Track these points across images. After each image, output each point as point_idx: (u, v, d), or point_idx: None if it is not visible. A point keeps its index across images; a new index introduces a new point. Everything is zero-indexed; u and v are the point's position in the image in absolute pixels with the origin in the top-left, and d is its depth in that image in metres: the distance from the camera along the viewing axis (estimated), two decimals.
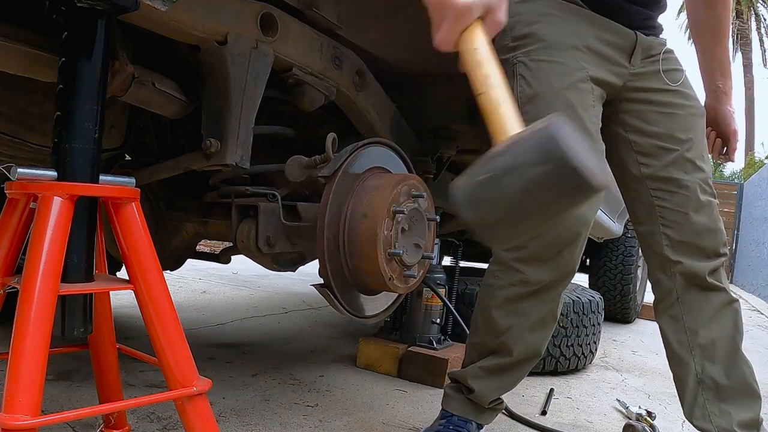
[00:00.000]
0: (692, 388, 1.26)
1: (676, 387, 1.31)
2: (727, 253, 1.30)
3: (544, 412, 1.76)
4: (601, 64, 1.25)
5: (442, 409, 1.39)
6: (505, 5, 0.84)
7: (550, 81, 1.21)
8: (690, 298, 1.26)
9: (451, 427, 1.33)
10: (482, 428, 1.39)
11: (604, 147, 1.27)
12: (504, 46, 1.27)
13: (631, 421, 1.68)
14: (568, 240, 1.21)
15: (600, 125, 1.26)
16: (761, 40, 23.39)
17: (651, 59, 1.30)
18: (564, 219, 1.17)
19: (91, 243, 0.88)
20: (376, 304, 1.40)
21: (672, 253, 1.26)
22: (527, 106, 1.21)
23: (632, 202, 1.34)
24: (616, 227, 3.40)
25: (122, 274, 0.96)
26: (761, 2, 23.03)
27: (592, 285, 3.83)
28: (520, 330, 1.28)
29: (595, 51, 1.24)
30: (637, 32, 1.28)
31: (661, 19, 1.36)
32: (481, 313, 1.33)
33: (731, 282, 9.95)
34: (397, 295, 1.45)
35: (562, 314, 2.21)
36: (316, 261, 1.25)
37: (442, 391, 1.42)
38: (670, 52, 1.33)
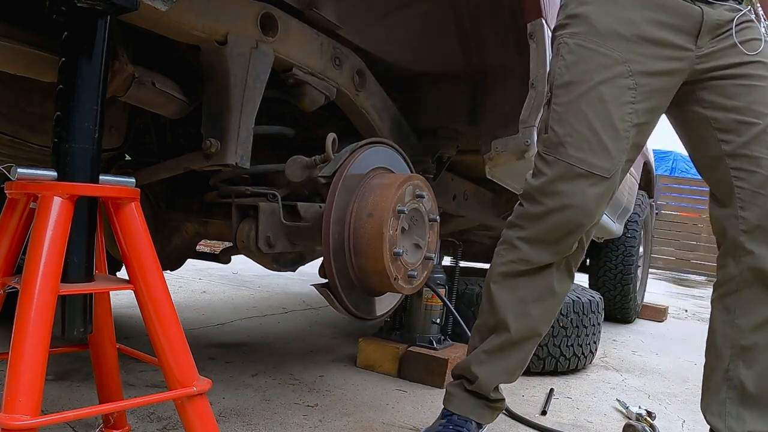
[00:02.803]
0: (718, 382, 1.24)
1: (703, 374, 1.29)
2: None
3: (544, 412, 1.76)
4: (656, 51, 1.18)
5: (444, 408, 1.39)
6: None
7: (589, 71, 1.19)
8: (751, 294, 1.21)
9: (451, 427, 1.33)
10: (483, 428, 1.39)
11: (629, 144, 1.22)
12: (558, 23, 1.26)
13: (631, 421, 1.68)
14: (570, 229, 1.22)
15: (636, 121, 1.21)
16: None
17: (722, 36, 1.20)
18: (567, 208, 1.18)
19: (91, 243, 0.88)
20: (377, 305, 1.40)
21: (746, 241, 1.20)
22: (560, 90, 1.21)
23: (713, 184, 1.27)
24: (616, 227, 3.40)
25: (122, 274, 0.96)
26: None
27: (592, 285, 3.83)
28: (517, 304, 1.28)
29: (648, 39, 1.18)
30: (703, 6, 1.18)
31: None
32: (484, 293, 1.34)
33: None
34: (399, 295, 1.45)
35: (562, 314, 2.21)
36: (316, 261, 1.25)
37: (443, 391, 1.41)
38: (748, 20, 1.22)
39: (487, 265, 3.71)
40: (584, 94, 1.18)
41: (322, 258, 1.27)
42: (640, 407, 1.78)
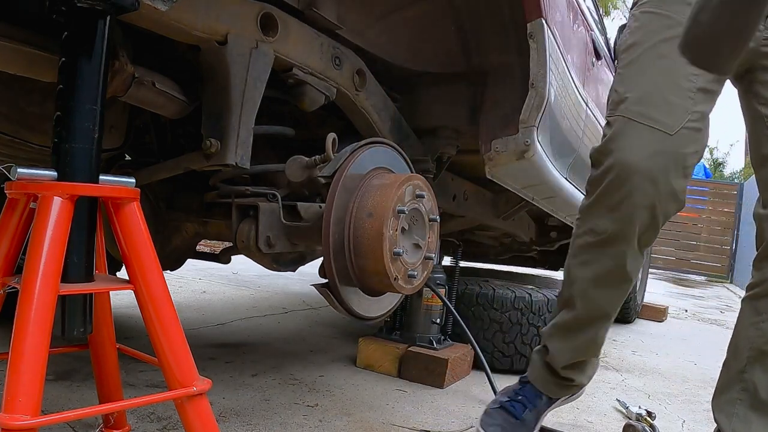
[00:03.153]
0: (732, 381, 1.24)
1: (720, 371, 1.29)
2: None
3: None
4: None
5: (523, 375, 1.40)
6: None
7: (650, 32, 1.19)
8: None
9: (520, 397, 1.34)
10: (554, 403, 1.38)
11: (695, 107, 1.16)
12: (633, 4, 1.29)
13: (631, 421, 1.68)
14: (627, 190, 1.15)
15: (700, 85, 1.16)
16: None
17: None
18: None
19: (91, 243, 0.88)
20: (377, 305, 1.40)
21: None
22: (624, 54, 1.22)
23: (760, 183, 1.24)
24: None
25: (122, 274, 0.96)
26: None
27: None
28: (584, 281, 1.28)
29: None
30: None
31: None
32: (565, 267, 1.35)
33: (731, 282, 9.95)
34: (399, 295, 1.45)
35: None
36: (316, 261, 1.25)
37: (443, 390, 1.41)
38: None
39: (486, 266, 3.71)
40: (645, 52, 1.18)
41: (322, 258, 1.27)
42: (640, 407, 1.78)
